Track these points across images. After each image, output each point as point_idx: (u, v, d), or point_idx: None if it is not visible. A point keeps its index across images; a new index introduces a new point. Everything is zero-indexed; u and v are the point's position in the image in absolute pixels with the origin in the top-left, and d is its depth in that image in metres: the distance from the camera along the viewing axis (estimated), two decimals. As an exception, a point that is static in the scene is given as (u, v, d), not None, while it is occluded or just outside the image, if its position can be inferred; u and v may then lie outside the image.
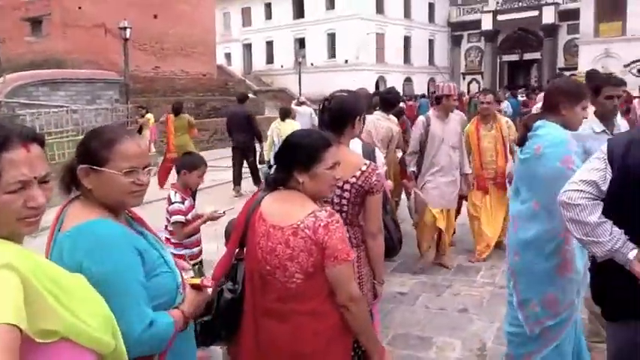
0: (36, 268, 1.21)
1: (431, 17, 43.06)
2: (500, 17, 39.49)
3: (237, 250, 2.28)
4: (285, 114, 10.29)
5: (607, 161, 2.12)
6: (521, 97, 21.22)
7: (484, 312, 4.72)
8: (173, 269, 1.84)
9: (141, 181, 1.75)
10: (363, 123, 3.20)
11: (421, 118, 5.64)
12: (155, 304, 1.72)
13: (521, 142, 3.02)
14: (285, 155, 2.18)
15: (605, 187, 2.09)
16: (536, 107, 5.77)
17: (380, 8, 38.46)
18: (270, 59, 42.59)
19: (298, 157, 2.13)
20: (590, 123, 3.60)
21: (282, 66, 40.99)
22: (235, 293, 2.17)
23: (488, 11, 40.04)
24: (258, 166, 10.38)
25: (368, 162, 2.72)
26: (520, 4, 39.08)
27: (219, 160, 15.49)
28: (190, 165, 4.11)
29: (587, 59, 30.67)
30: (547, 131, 2.86)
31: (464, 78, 42.51)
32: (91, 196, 1.72)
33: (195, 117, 19.56)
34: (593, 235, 2.08)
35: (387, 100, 5.80)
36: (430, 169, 5.56)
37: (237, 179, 10.80)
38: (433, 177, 5.55)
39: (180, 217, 3.91)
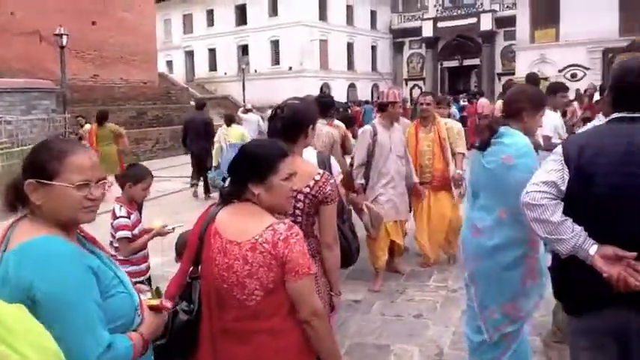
0: None
1: (373, 24, 43.62)
2: (440, 24, 40.41)
3: (191, 267, 2.16)
4: (231, 120, 10.43)
5: (563, 162, 2.17)
6: (462, 102, 21.72)
7: (439, 317, 4.73)
8: (130, 290, 1.74)
9: (93, 195, 1.66)
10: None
11: (368, 128, 5.35)
12: (112, 326, 1.62)
13: (485, 146, 3.00)
14: (239, 166, 2.10)
15: (564, 187, 2.15)
16: (496, 110, 5.64)
17: (323, 15, 38.68)
18: (212, 66, 42.10)
19: (253, 168, 2.05)
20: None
21: (225, 73, 40.59)
22: (191, 314, 2.04)
23: (429, 18, 40.91)
24: (208, 174, 10.44)
25: (321, 171, 2.66)
26: (459, 11, 40.14)
27: (163, 170, 15.13)
28: (135, 177, 3.91)
29: (524, 64, 31.73)
30: (513, 140, 2.89)
31: (406, 84, 43.24)
32: (39, 213, 1.62)
33: (137, 126, 19.26)
34: (556, 234, 2.13)
35: (323, 105, 5.70)
36: (380, 180, 5.31)
37: (195, 179, 11.18)
38: (385, 189, 5.32)
39: (126, 233, 3.72)
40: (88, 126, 13.63)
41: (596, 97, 11.39)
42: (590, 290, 2.13)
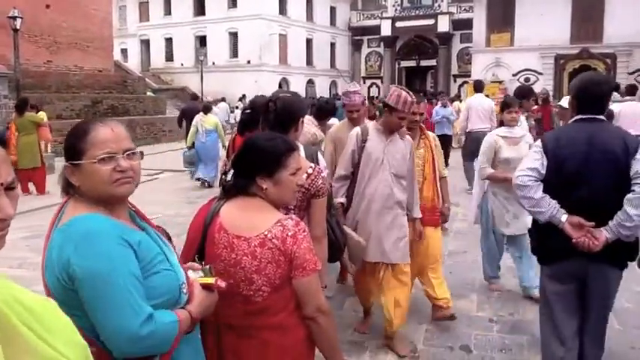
0: (10, 297, 1.03)
1: (332, 21, 43.67)
2: (398, 24, 40.80)
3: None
4: (207, 108, 11.77)
5: (542, 152, 2.98)
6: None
7: (411, 313, 4.75)
8: (175, 267, 1.72)
9: (121, 166, 1.63)
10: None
11: (356, 130, 4.09)
12: (155, 303, 1.60)
13: None
14: (247, 160, 2.08)
15: (543, 171, 2.95)
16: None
17: (283, 9, 38.46)
18: (169, 56, 41.24)
19: (262, 163, 2.05)
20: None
21: (182, 64, 39.85)
22: None
23: (387, 17, 41.24)
24: (184, 152, 11.39)
25: (313, 165, 2.68)
26: (417, 12, 40.61)
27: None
28: None
29: (480, 67, 32.42)
30: None
31: (364, 82, 43.46)
32: (81, 193, 1.65)
33: (92, 116, 18.71)
34: (537, 207, 2.94)
35: (325, 110, 5.70)
36: (361, 202, 3.99)
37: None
38: (365, 217, 3.97)
39: None
40: (41, 114, 13.12)
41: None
42: (560, 246, 2.91)
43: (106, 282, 1.50)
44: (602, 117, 3.00)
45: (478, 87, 11.26)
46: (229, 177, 2.11)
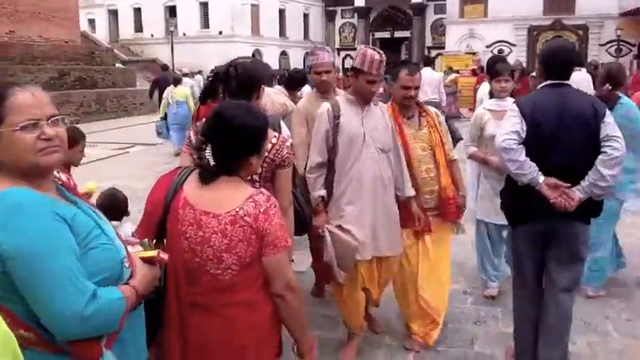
0: None
1: (305, -9, 43.05)
2: (372, -6, 40.37)
3: (153, 240, 1.96)
4: (178, 81, 12.15)
5: (520, 116, 3.04)
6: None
7: (388, 288, 4.72)
8: (114, 241, 1.61)
9: (47, 134, 1.50)
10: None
11: (326, 106, 3.39)
12: (96, 280, 1.49)
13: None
14: (236, 140, 1.92)
15: (523, 135, 3.02)
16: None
17: (254, -22, 37.72)
18: (138, 27, 40.17)
19: (256, 142, 1.98)
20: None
21: (152, 35, 38.86)
22: (158, 291, 1.87)
23: (361, -13, 40.76)
24: (156, 122, 11.90)
25: (277, 134, 2.60)
26: (391, -18, 40.19)
27: (89, 135, 14.44)
28: (72, 139, 3.65)
29: (454, 39, 32.41)
30: (627, 101, 4.44)
31: (339, 53, 42.99)
32: (3, 167, 1.49)
33: (59, 88, 18.19)
34: (521, 169, 2.99)
35: (295, 80, 5.54)
36: (346, 191, 3.34)
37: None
38: (354, 207, 3.33)
39: None
40: None
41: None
42: (534, 207, 3.06)
43: (44, 260, 1.38)
44: (568, 82, 3.13)
45: (427, 61, 13.59)
46: (207, 155, 1.93)
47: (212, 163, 1.93)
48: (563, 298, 3.20)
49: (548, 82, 3.13)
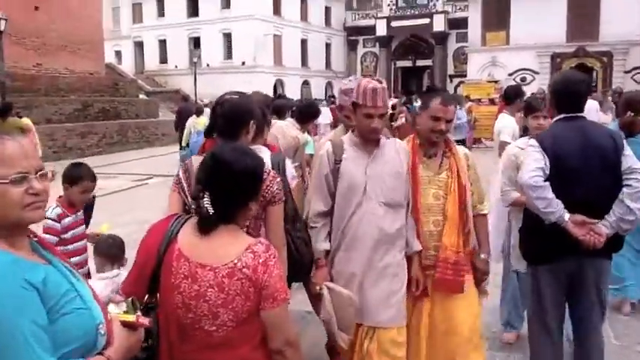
0: None
1: (327, 21, 43.44)
2: (393, 23, 40.55)
3: (145, 295, 1.87)
4: (200, 111, 12.41)
5: (542, 151, 2.92)
6: (416, 103, 21.70)
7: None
8: (90, 304, 1.48)
9: (35, 189, 1.42)
10: (261, 128, 2.95)
11: (327, 147, 2.99)
12: (67, 350, 1.38)
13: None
14: (237, 186, 1.82)
15: (547, 171, 2.89)
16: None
17: (277, 9, 38.20)
18: (163, 59, 40.97)
19: (256, 187, 1.92)
20: None
21: (176, 66, 39.55)
22: (151, 351, 1.78)
23: (382, 17, 41.00)
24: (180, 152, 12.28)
25: (268, 169, 2.47)
26: (412, 11, 40.38)
27: (109, 167, 14.53)
28: (70, 178, 3.55)
29: (476, 67, 32.24)
30: None
31: (360, 82, 43.33)
32: None
33: (82, 119, 18.46)
34: (550, 207, 2.85)
35: (307, 114, 5.46)
36: (338, 246, 2.94)
37: None
38: (342, 265, 2.93)
39: (50, 238, 3.33)
40: (25, 120, 12.72)
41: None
42: (557, 245, 2.93)
43: (2, 335, 1.27)
44: (583, 115, 3.07)
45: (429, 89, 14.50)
46: (206, 204, 1.79)
47: (211, 211, 1.78)
48: (599, 339, 3.18)
49: (563, 115, 3.06)
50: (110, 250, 3.31)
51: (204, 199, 1.78)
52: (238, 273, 1.73)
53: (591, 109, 8.01)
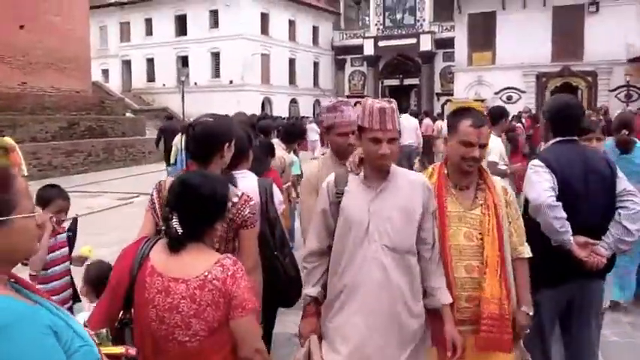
0: None
1: (315, 40, 43.67)
2: (381, 43, 40.84)
3: (120, 311, 1.99)
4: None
5: (550, 172, 2.93)
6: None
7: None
8: (87, 340, 1.45)
9: (39, 221, 1.44)
10: (245, 152, 2.93)
11: (329, 179, 2.56)
12: None
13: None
14: (204, 209, 1.99)
15: (557, 192, 2.91)
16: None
17: (265, 29, 38.37)
18: (151, 77, 40.90)
19: (222, 210, 2.07)
20: None
21: (163, 84, 39.50)
22: None
23: (370, 37, 41.28)
24: (168, 169, 12.22)
25: (240, 193, 2.47)
26: (399, 31, 40.69)
27: (94, 185, 14.38)
28: (42, 200, 3.48)
29: (462, 86, 32.50)
30: None
31: (348, 101, 43.44)
32: None
33: (68, 137, 18.29)
34: (564, 227, 2.86)
35: (292, 134, 5.42)
36: (336, 296, 2.45)
37: None
38: (339, 318, 2.43)
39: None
40: (7, 139, 12.56)
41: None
42: (565, 267, 2.94)
43: None
44: (577, 138, 3.18)
45: (412, 113, 15.81)
46: (174, 224, 1.95)
47: (180, 231, 1.94)
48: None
49: (559, 138, 3.13)
50: (100, 278, 3.15)
51: (173, 220, 1.94)
52: (209, 284, 1.86)
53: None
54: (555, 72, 30.01)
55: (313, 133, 18.93)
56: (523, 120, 14.66)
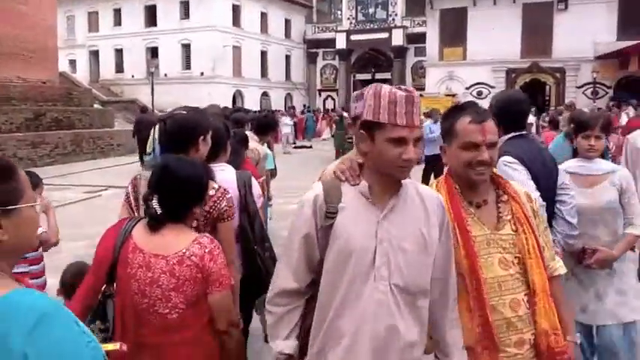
0: None
1: (287, 33, 43.44)
2: (353, 37, 40.88)
3: (103, 285, 2.13)
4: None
5: (524, 167, 2.78)
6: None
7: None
8: (92, 336, 1.40)
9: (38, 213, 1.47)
10: (222, 144, 2.90)
11: (316, 192, 1.87)
12: None
13: None
14: (182, 192, 2.11)
15: None
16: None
17: (236, 21, 37.99)
18: (119, 68, 40.14)
19: (200, 194, 2.18)
20: None
21: (132, 76, 38.83)
22: (107, 332, 2.05)
23: (342, 31, 41.28)
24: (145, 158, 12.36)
25: (217, 186, 2.49)
26: (371, 25, 40.80)
27: (62, 178, 14.07)
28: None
29: (434, 81, 32.78)
30: None
31: (320, 94, 43.45)
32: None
33: (34, 129, 17.85)
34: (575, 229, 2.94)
35: (265, 125, 5.36)
36: (326, 352, 1.82)
37: None
38: None
39: None
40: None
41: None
42: None
43: None
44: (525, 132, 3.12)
45: None
46: (154, 204, 2.07)
47: (159, 211, 2.05)
48: None
49: (512, 134, 2.99)
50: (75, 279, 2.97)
51: (153, 201, 2.06)
52: (187, 260, 1.99)
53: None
54: (524, 68, 30.47)
55: (285, 126, 18.92)
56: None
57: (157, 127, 2.55)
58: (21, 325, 1.15)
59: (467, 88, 31.37)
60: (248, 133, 5.25)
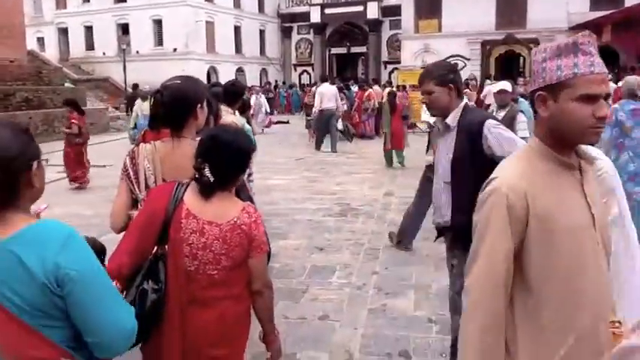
0: None
1: (261, 7, 42.84)
2: (327, 10, 40.52)
3: (154, 247, 2.21)
4: (144, 97, 12.55)
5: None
6: (353, 88, 21.89)
7: (345, 317, 4.46)
8: None
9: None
10: (212, 112, 2.90)
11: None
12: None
13: None
14: (236, 161, 2.22)
15: None
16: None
17: (209, -4, 37.36)
18: (90, 45, 39.27)
19: (247, 161, 2.28)
20: None
21: (104, 53, 38.04)
22: (160, 292, 2.14)
23: (316, 4, 40.84)
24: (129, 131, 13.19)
25: None
26: (346, -2, 40.45)
27: (34, 158, 13.76)
28: None
29: (409, 54, 32.69)
30: None
31: (295, 69, 43.11)
32: (23, 201, 1.59)
33: (3, 109, 17.37)
34: None
35: (233, 93, 5.21)
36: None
37: None
38: None
39: None
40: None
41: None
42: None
43: (102, 283, 1.57)
44: None
45: (323, 78, 17.77)
46: (207, 173, 2.15)
47: (212, 179, 2.15)
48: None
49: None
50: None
51: (206, 170, 2.14)
52: (237, 229, 2.16)
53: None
54: (499, 40, 30.50)
55: (262, 105, 18.89)
56: (470, 87, 15.01)
57: (149, 100, 2.49)
58: (54, 242, 1.49)
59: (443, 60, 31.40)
60: (222, 107, 5.14)
